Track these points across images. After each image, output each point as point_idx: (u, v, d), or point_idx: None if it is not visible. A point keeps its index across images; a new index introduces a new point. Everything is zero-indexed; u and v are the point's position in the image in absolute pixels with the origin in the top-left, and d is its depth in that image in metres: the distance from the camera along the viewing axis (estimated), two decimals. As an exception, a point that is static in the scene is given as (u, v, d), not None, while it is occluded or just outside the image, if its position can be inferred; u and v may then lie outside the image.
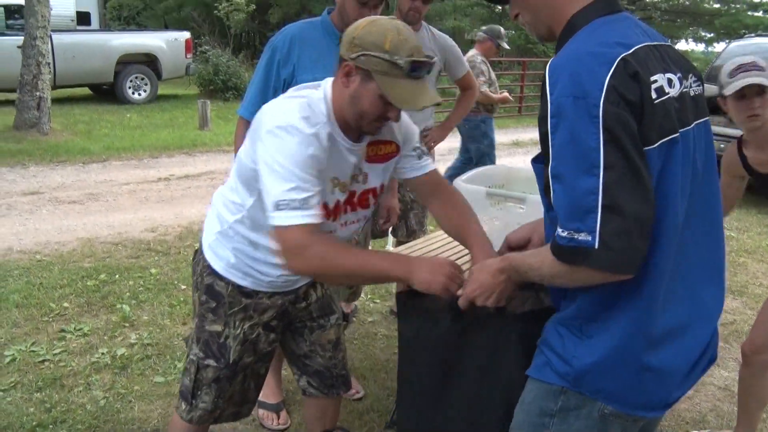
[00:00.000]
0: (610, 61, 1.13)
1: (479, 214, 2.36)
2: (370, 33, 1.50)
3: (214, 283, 1.81)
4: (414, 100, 1.51)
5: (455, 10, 20.45)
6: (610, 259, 1.12)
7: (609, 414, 1.29)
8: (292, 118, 1.53)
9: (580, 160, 1.12)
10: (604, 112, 1.10)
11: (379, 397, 2.89)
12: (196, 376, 1.86)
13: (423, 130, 3.29)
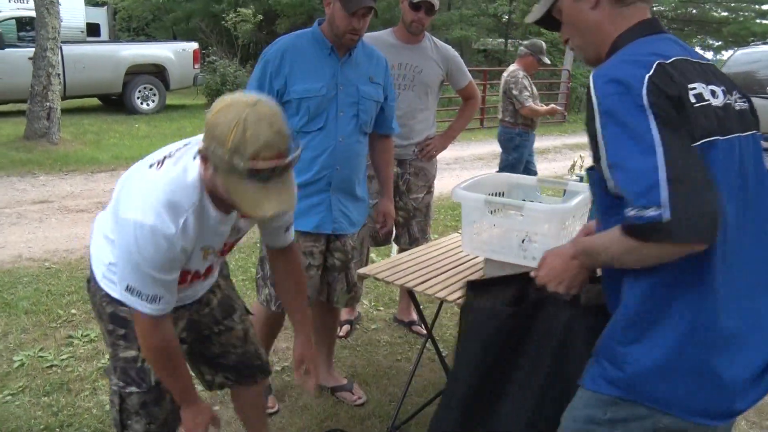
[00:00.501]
0: (648, 65, 1.21)
1: (479, 221, 2.40)
2: (217, 124, 1.39)
3: (117, 310, 1.77)
4: (257, 206, 1.42)
5: (461, 20, 20.54)
6: (683, 228, 1.11)
7: (663, 428, 1.27)
8: (155, 217, 1.49)
9: (634, 144, 1.16)
10: (649, 101, 1.17)
11: (381, 403, 2.91)
12: (121, 406, 1.82)
13: (425, 138, 3.34)
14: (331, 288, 2.74)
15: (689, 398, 1.25)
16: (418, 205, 3.40)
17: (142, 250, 1.50)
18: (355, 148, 2.55)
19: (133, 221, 1.49)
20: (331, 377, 3.01)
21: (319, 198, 2.53)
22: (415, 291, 2.38)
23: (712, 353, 1.24)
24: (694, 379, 1.24)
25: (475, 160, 10.14)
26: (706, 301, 1.23)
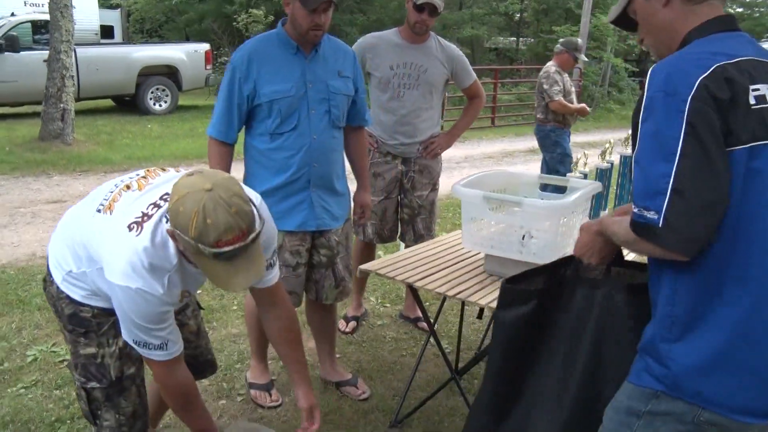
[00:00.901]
0: (706, 66, 1.23)
1: (478, 217, 2.43)
2: (178, 213, 1.47)
3: (77, 311, 1.82)
4: (228, 283, 1.53)
5: (473, 19, 20.51)
6: (671, 238, 1.21)
7: (704, 422, 1.30)
8: (142, 281, 1.57)
9: (659, 147, 1.22)
10: (690, 108, 1.20)
11: (385, 398, 2.95)
12: (88, 399, 1.88)
13: (430, 137, 3.38)
14: (319, 285, 2.78)
15: (731, 396, 1.28)
16: (422, 203, 3.43)
17: (135, 310, 1.61)
18: (330, 144, 2.59)
19: (124, 287, 1.58)
20: (335, 372, 3.06)
21: (300, 197, 2.58)
22: (416, 286, 2.42)
23: (757, 352, 1.27)
24: (738, 378, 1.27)
25: (485, 158, 10.15)
26: (753, 302, 1.26)
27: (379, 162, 3.36)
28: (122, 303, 1.61)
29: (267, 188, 2.52)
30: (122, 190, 1.76)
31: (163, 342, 1.68)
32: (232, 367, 3.18)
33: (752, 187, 1.24)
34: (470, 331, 3.72)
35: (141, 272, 1.58)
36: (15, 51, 10.58)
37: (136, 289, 1.57)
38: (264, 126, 2.51)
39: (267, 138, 2.52)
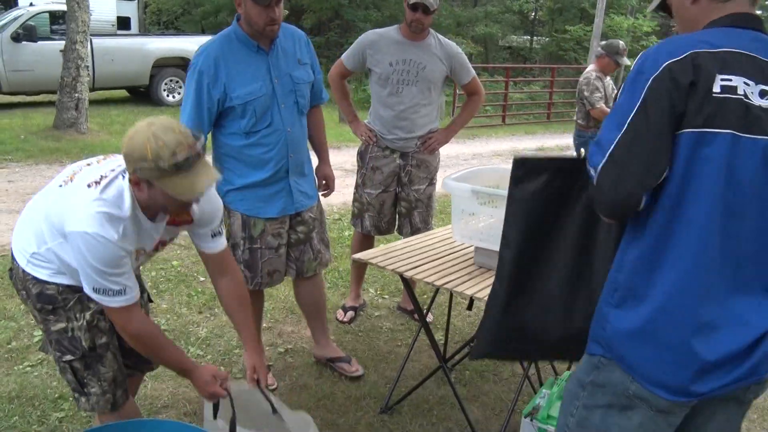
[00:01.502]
0: (680, 51, 1.30)
1: (468, 211, 2.51)
2: (132, 149, 1.69)
3: (43, 289, 1.94)
4: (192, 190, 1.74)
5: (486, 17, 20.50)
6: (598, 196, 1.36)
7: (633, 395, 1.38)
8: (99, 226, 1.74)
9: (616, 116, 1.35)
10: (649, 87, 1.29)
11: (377, 385, 3.04)
12: (72, 371, 1.99)
13: (428, 132, 3.45)
14: (299, 261, 2.92)
15: (650, 367, 1.36)
16: (419, 196, 3.51)
17: (93, 254, 1.75)
18: (301, 132, 2.76)
19: (81, 232, 1.74)
20: (330, 348, 3.18)
21: (279, 185, 2.71)
22: (406, 276, 2.49)
23: (677, 330, 1.33)
24: (657, 351, 1.35)
25: (494, 156, 10.20)
26: (681, 282, 1.32)
27: (377, 156, 3.45)
28: (82, 249, 1.74)
29: (248, 182, 2.67)
30: (83, 166, 1.93)
31: (121, 288, 1.81)
32: (231, 351, 3.27)
33: (698, 172, 1.29)
34: (465, 323, 3.80)
35: (97, 219, 1.74)
36: (33, 41, 10.74)
37: (93, 233, 1.73)
38: (237, 125, 2.60)
39: (242, 136, 2.61)
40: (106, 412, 2.04)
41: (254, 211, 2.72)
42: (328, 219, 5.87)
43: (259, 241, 2.75)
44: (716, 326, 1.33)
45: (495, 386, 3.10)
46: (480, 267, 2.59)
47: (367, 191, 3.50)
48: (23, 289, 1.99)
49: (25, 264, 1.95)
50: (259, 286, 2.85)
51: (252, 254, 2.77)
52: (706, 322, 1.32)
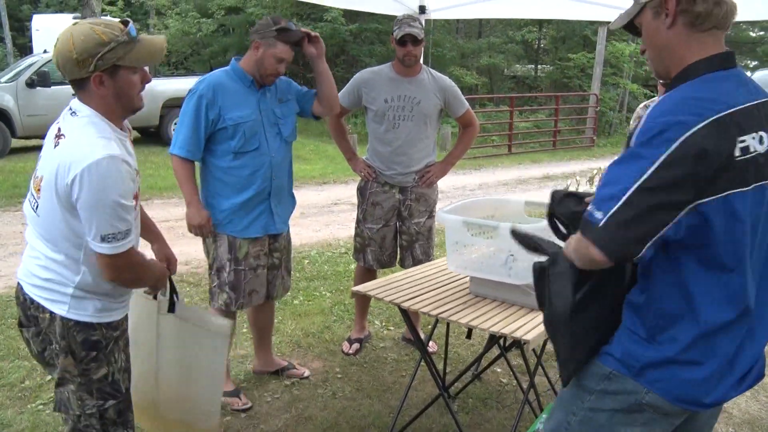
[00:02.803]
0: (701, 116, 1.29)
1: (462, 242, 2.59)
2: (85, 42, 1.74)
3: (88, 336, 1.91)
4: (156, 46, 1.88)
5: (490, 48, 20.79)
6: (601, 238, 1.33)
7: (645, 403, 1.47)
8: (101, 148, 1.74)
9: (631, 164, 1.33)
10: (673, 146, 1.27)
11: (381, 414, 3.09)
12: (101, 423, 1.96)
13: (425, 166, 3.55)
14: (272, 285, 3.18)
15: (674, 385, 1.46)
16: (420, 229, 3.59)
17: (110, 184, 1.75)
18: (284, 159, 3.04)
19: (93, 162, 1.72)
20: (275, 362, 3.49)
21: (262, 207, 2.96)
22: (403, 307, 2.57)
23: (704, 357, 1.44)
24: (682, 372, 1.45)
25: (500, 185, 10.29)
26: (710, 324, 1.41)
27: (377, 191, 3.55)
28: (94, 184, 1.72)
29: (233, 203, 2.91)
30: (37, 172, 1.96)
31: (128, 227, 1.83)
32: (238, 386, 3.34)
33: (729, 230, 1.35)
34: (468, 352, 3.85)
35: (96, 143, 1.76)
36: (46, 86, 11.05)
37: (103, 156, 1.73)
38: (227, 146, 2.87)
39: (230, 156, 2.87)
40: None
41: (240, 233, 2.95)
42: (335, 253, 5.98)
43: (243, 263, 2.98)
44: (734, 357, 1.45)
45: (498, 413, 3.14)
46: (476, 296, 2.66)
47: (368, 226, 3.59)
48: (63, 339, 1.90)
49: (66, 311, 1.88)
50: (241, 307, 3.07)
51: (237, 275, 2.98)
52: (725, 354, 1.45)
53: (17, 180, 8.73)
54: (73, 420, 1.97)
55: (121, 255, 1.84)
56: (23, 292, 1.96)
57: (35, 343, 1.98)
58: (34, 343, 1.99)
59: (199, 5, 20.64)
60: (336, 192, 9.12)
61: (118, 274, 1.89)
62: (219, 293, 3.01)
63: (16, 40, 21.91)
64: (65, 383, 1.95)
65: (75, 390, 1.94)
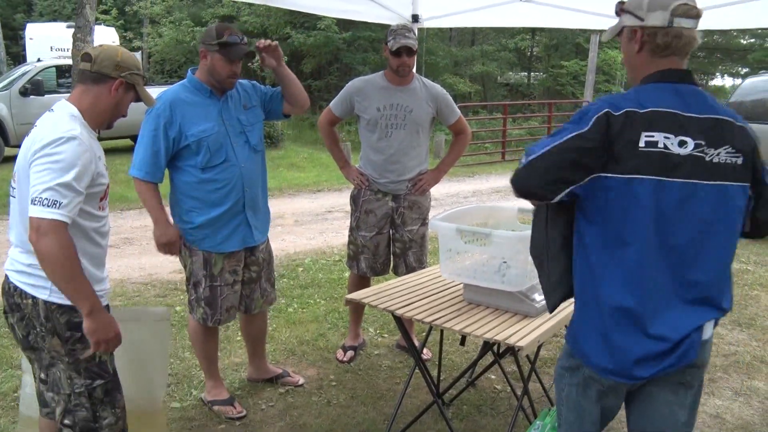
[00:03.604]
0: (618, 107, 1.62)
1: (455, 249, 2.60)
2: (130, 58, 2.12)
3: (71, 317, 2.03)
4: (152, 100, 2.32)
5: (483, 56, 20.89)
6: (516, 176, 1.69)
7: (587, 377, 1.76)
8: (66, 126, 1.96)
9: (557, 133, 1.68)
10: (590, 121, 1.60)
11: (376, 422, 3.10)
12: (90, 402, 2.09)
13: (418, 174, 3.57)
14: (250, 299, 3.17)
15: (595, 355, 1.72)
16: (413, 237, 3.61)
17: (66, 152, 1.91)
18: (255, 168, 2.99)
19: (53, 138, 1.92)
20: (269, 370, 3.48)
21: (238, 219, 2.93)
22: (397, 314, 2.58)
23: (611, 328, 1.67)
24: (598, 342, 1.70)
25: (493, 193, 10.32)
26: (612, 289, 1.65)
27: (370, 199, 3.56)
28: (66, 153, 1.91)
29: (208, 218, 2.87)
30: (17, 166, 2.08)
31: (71, 200, 1.90)
32: (233, 394, 3.34)
33: (624, 206, 1.61)
34: (462, 359, 3.86)
35: (62, 124, 1.97)
36: (40, 94, 11.06)
37: (69, 134, 1.93)
38: (193, 161, 2.82)
39: (198, 170, 2.82)
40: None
41: (216, 248, 2.92)
42: (329, 261, 5.99)
43: (219, 279, 2.96)
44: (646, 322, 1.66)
45: (492, 420, 3.15)
46: (469, 303, 2.67)
47: (362, 234, 3.61)
48: (47, 321, 2.02)
49: (48, 295, 2.01)
50: (218, 323, 3.05)
51: (212, 291, 2.96)
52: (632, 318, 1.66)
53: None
54: (64, 400, 2.10)
55: (59, 225, 1.87)
56: (8, 280, 2.09)
57: (19, 327, 2.11)
58: (19, 327, 2.12)
59: (193, 14, 20.67)
60: (330, 200, 9.14)
61: (50, 248, 1.86)
62: (196, 307, 3.02)
63: (9, 48, 21.86)
64: (55, 364, 2.09)
65: (65, 369, 2.08)
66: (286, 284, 5.20)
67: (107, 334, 2.00)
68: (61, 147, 1.91)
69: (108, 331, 2.00)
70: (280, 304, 4.60)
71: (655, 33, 1.68)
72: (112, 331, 2.01)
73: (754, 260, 6.50)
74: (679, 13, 1.65)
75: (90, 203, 2.05)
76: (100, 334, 1.98)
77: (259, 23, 18.54)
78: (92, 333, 1.97)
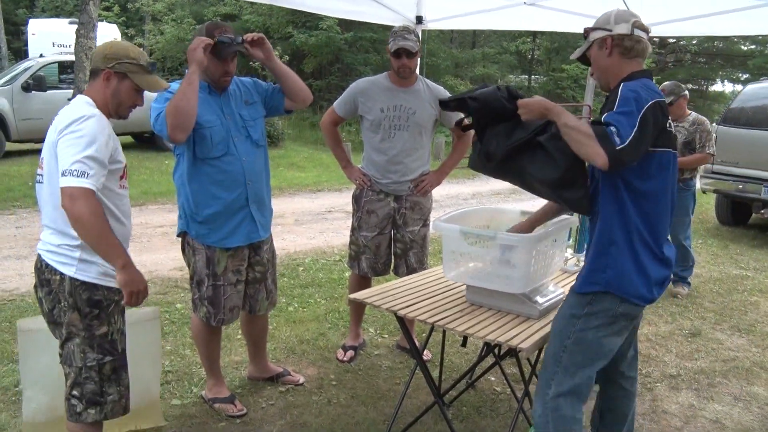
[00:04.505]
0: (654, 96, 2.04)
1: (458, 250, 2.61)
2: (119, 48, 2.26)
3: (92, 295, 2.22)
4: (158, 85, 2.34)
5: (484, 58, 20.90)
6: (619, 153, 1.92)
7: (620, 314, 2.15)
8: (84, 108, 2.16)
9: (628, 115, 1.98)
10: (645, 108, 1.98)
11: (376, 422, 3.10)
12: (99, 377, 2.26)
13: (420, 175, 3.58)
14: (254, 299, 3.16)
15: (636, 289, 2.12)
16: (414, 238, 3.62)
17: (89, 128, 2.10)
18: (257, 162, 2.99)
19: (75, 117, 2.11)
20: (270, 369, 3.49)
21: (242, 214, 2.93)
22: (400, 314, 2.59)
23: (649, 266, 2.14)
24: (635, 279, 2.12)
25: (493, 195, 10.33)
26: (647, 235, 2.13)
27: (372, 199, 3.57)
28: (88, 129, 2.09)
29: (212, 211, 2.87)
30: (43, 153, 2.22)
31: (98, 169, 2.08)
32: (233, 391, 3.34)
33: (660, 173, 2.13)
34: (463, 360, 3.87)
35: (85, 107, 2.18)
36: (42, 90, 11.04)
37: (90, 114, 2.14)
38: (196, 150, 2.83)
39: (200, 162, 2.85)
40: (117, 416, 2.32)
41: (221, 243, 2.91)
42: (329, 260, 5.99)
43: (222, 278, 2.95)
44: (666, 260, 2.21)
45: (492, 421, 3.16)
46: (472, 304, 2.68)
47: (363, 234, 3.62)
48: (70, 297, 2.20)
49: (74, 272, 2.19)
50: (222, 323, 3.04)
51: (215, 291, 2.96)
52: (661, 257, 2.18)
53: (11, 183, 8.71)
54: (75, 373, 2.26)
55: (88, 192, 2.03)
56: (40, 258, 2.27)
57: (47, 301, 2.27)
58: (46, 301, 2.28)
59: (195, 12, 20.66)
60: (330, 200, 9.15)
61: (83, 213, 2.03)
62: (200, 305, 3.02)
63: (11, 44, 21.86)
64: (72, 338, 2.24)
65: (79, 343, 2.24)
66: (286, 283, 5.21)
67: (138, 286, 2.18)
68: (83, 124, 2.10)
69: (139, 283, 2.18)
70: (281, 303, 4.60)
71: (622, 38, 2.15)
72: (142, 284, 2.19)
73: (753, 266, 6.52)
74: (637, 26, 2.15)
75: (111, 181, 2.22)
76: (132, 286, 2.16)
77: (260, 22, 18.52)
78: (125, 284, 2.15)
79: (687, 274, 5.46)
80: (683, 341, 4.40)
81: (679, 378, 3.80)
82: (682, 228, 5.27)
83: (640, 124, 1.95)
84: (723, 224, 8.52)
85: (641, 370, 3.82)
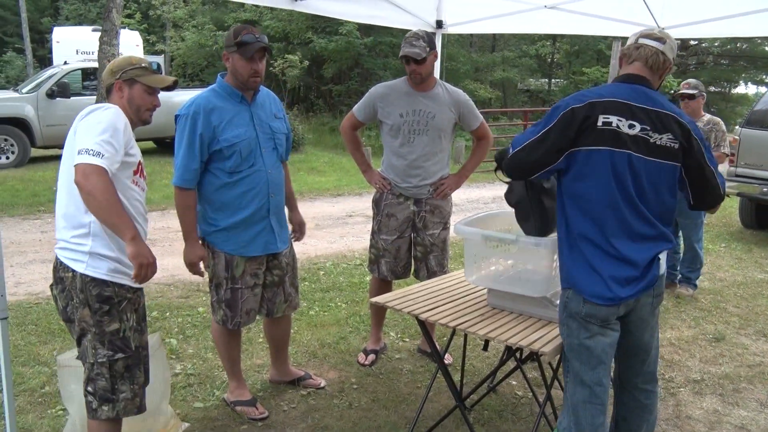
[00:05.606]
0: (584, 100, 2.14)
1: (480, 254, 2.61)
2: (121, 61, 2.41)
3: (102, 291, 2.25)
4: (165, 81, 2.44)
5: (504, 62, 20.84)
6: (506, 165, 2.26)
7: (587, 315, 2.15)
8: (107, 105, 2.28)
9: (534, 128, 2.20)
10: (560, 117, 2.13)
11: (397, 426, 3.10)
12: (110, 374, 2.28)
13: (439, 179, 3.58)
14: (271, 302, 3.18)
15: (588, 287, 2.14)
16: (434, 241, 3.62)
17: (109, 117, 2.21)
18: (279, 176, 3.05)
19: (94, 108, 2.24)
20: (292, 372, 3.51)
21: (262, 225, 2.95)
22: (421, 318, 2.59)
23: (600, 264, 2.14)
24: (589, 276, 2.14)
25: (513, 198, 10.27)
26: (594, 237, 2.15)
27: (392, 203, 3.58)
28: (106, 117, 2.21)
29: (232, 221, 2.90)
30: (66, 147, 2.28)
31: (113, 153, 2.15)
32: (254, 395, 3.37)
33: (586, 171, 2.14)
34: (484, 364, 3.86)
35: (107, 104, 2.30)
36: (66, 96, 11.23)
37: (111, 106, 2.28)
38: (222, 165, 2.86)
39: (226, 175, 2.88)
40: (130, 415, 2.34)
41: (239, 251, 2.94)
42: (350, 264, 6.01)
43: (240, 282, 2.98)
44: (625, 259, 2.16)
45: (513, 425, 3.15)
46: (494, 308, 2.68)
47: (383, 237, 3.63)
48: (81, 293, 2.24)
49: (84, 268, 2.24)
50: (238, 325, 3.07)
51: (233, 294, 3.00)
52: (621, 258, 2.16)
53: (36, 189, 8.85)
54: (88, 369, 2.30)
55: (100, 170, 2.10)
56: (57, 257, 2.31)
57: (61, 299, 2.33)
58: (60, 299, 2.33)
59: (216, 18, 20.87)
60: (350, 204, 9.17)
61: (96, 191, 2.08)
62: (218, 308, 3.06)
63: (36, 51, 22.27)
64: (85, 334, 2.28)
65: (91, 340, 2.27)
66: (307, 287, 5.23)
67: (148, 258, 2.18)
68: (103, 113, 2.22)
69: (148, 256, 2.19)
70: (302, 307, 4.63)
71: (628, 48, 2.30)
72: (151, 257, 2.20)
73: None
74: (643, 35, 2.28)
75: (124, 172, 2.26)
76: (141, 258, 2.16)
77: (281, 28, 18.66)
78: (135, 257, 2.16)
79: (694, 275, 5.46)
80: (707, 346, 4.35)
81: (702, 383, 3.76)
82: (694, 230, 5.31)
83: (544, 131, 2.13)
84: (747, 227, 8.40)
85: (664, 375, 3.79)
